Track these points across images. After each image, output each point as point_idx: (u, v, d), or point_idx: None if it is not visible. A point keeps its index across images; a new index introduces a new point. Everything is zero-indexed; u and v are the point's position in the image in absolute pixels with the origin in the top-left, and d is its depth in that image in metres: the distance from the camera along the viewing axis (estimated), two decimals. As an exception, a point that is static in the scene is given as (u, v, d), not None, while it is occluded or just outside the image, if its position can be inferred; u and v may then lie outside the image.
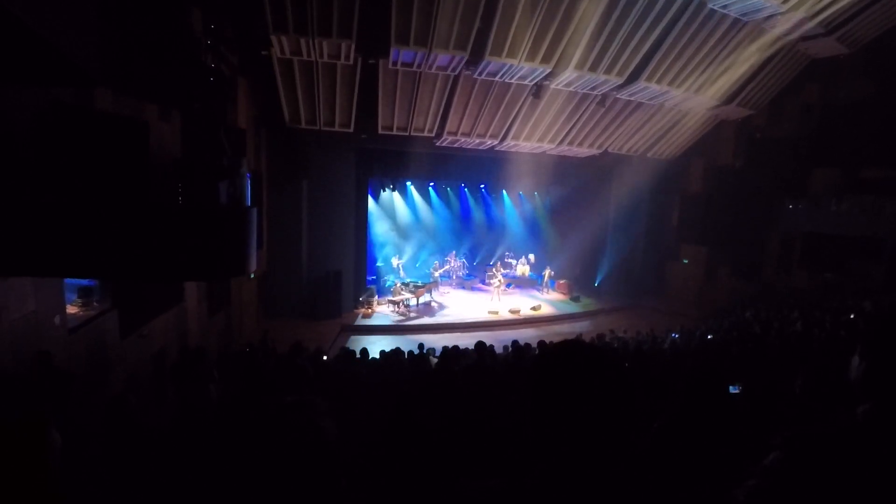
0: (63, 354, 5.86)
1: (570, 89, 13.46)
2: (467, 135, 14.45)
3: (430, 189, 20.31)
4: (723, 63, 13.64)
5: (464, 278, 19.79)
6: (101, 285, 7.08)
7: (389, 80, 12.37)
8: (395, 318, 15.21)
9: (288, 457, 1.05)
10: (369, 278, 17.50)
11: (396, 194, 19.37)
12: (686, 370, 2.56)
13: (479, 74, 12.31)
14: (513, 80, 12.73)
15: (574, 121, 14.92)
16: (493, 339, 11.87)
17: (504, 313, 16.03)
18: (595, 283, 19.60)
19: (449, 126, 14.00)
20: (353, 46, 10.90)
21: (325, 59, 11.41)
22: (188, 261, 5.06)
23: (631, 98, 14.47)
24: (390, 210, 19.67)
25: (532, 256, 20.07)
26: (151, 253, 4.87)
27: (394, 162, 15.64)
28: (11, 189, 4.71)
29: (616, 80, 13.09)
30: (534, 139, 15.10)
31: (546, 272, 18.97)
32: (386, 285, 17.65)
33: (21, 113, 5.03)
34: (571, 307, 17.49)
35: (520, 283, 19.53)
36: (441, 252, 20.17)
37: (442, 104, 13.25)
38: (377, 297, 16.32)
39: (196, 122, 8.37)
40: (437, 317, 15.65)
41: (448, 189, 20.76)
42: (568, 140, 15.65)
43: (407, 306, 15.76)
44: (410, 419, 3.70)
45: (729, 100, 15.39)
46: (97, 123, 6.23)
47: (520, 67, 11.95)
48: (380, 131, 13.62)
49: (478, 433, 3.47)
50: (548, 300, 17.95)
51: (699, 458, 1.90)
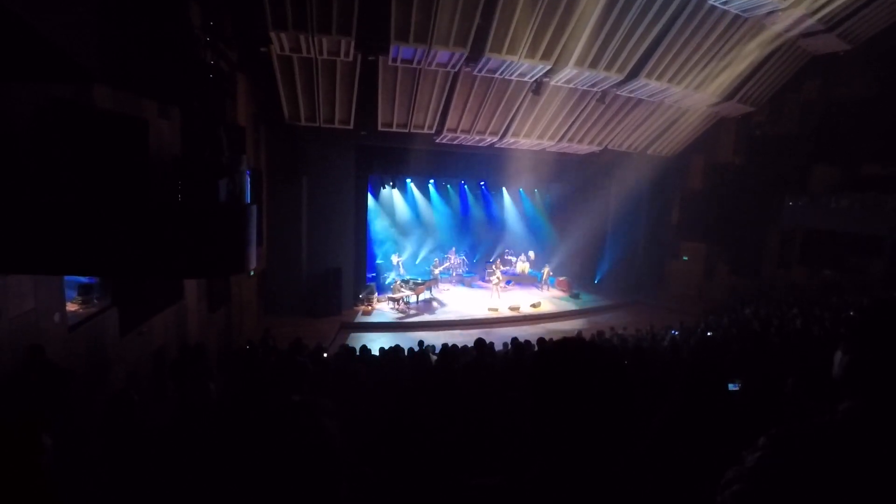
0: (63, 352, 5.87)
1: (570, 86, 13.44)
2: (467, 132, 14.43)
3: (430, 186, 20.27)
4: (723, 60, 13.62)
5: (464, 275, 19.81)
6: (101, 283, 7.08)
7: (389, 76, 12.34)
8: (394, 316, 15.22)
9: (290, 456, 1.05)
10: (369, 275, 17.48)
11: (396, 191, 19.33)
12: (686, 368, 2.56)
13: (479, 71, 12.29)
14: (513, 77, 12.70)
15: (574, 118, 14.90)
16: (492, 336, 11.89)
17: (504, 310, 16.03)
18: (595, 280, 19.63)
19: (449, 123, 13.98)
20: (353, 43, 10.88)
21: (325, 56, 11.39)
22: (188, 258, 5.05)
23: (631, 95, 14.45)
24: (390, 207, 19.64)
25: (532, 254, 20.06)
26: (151, 250, 4.86)
27: (394, 159, 15.59)
28: (10, 186, 4.71)
29: (616, 76, 13.07)
30: (534, 136, 15.08)
31: (545, 270, 18.98)
32: (386, 282, 17.66)
33: (21, 110, 5.02)
34: (571, 304, 17.49)
35: (520, 280, 19.53)
36: (441, 249, 20.18)
37: (442, 101, 13.23)
38: (377, 295, 16.33)
39: (195, 120, 8.34)
40: (436, 314, 15.66)
41: (448, 186, 20.71)
42: (568, 137, 15.63)
43: (407, 303, 15.76)
44: (410, 417, 3.70)
45: (729, 97, 15.37)
46: (96, 121, 6.22)
47: (520, 64, 11.93)
48: (379, 128, 13.60)
49: (477, 431, 3.48)
50: (548, 297, 17.96)
51: (699, 455, 1.90)
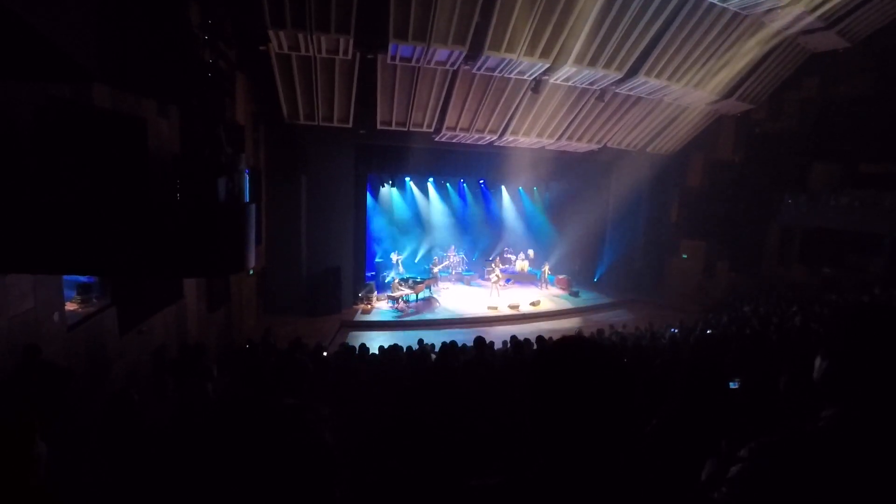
0: (62, 351, 5.87)
1: (569, 84, 13.43)
2: (466, 130, 14.42)
3: (430, 184, 20.26)
4: (722, 57, 13.60)
5: (463, 274, 19.80)
6: (100, 282, 7.08)
7: (388, 74, 12.32)
8: (394, 314, 15.23)
9: (282, 459, 1.05)
10: (368, 274, 17.47)
11: (395, 190, 19.33)
12: (685, 365, 2.57)
13: (478, 69, 12.27)
14: (511, 75, 12.68)
15: (573, 116, 14.89)
16: (492, 334, 11.91)
17: (503, 309, 16.02)
18: (594, 278, 19.64)
19: (448, 121, 13.96)
20: (352, 41, 10.86)
21: (324, 55, 11.37)
22: (187, 257, 5.06)
23: (630, 93, 14.43)
24: (389, 206, 19.63)
25: (531, 252, 20.04)
26: (150, 249, 4.86)
27: (393, 157, 15.58)
28: (10, 186, 4.70)
29: (615, 74, 13.06)
30: (533, 134, 15.06)
31: (544, 268, 18.97)
32: (385, 281, 17.63)
33: (20, 110, 5.01)
34: (571, 302, 17.49)
35: (519, 278, 19.51)
36: (440, 247, 20.17)
37: (441, 99, 13.21)
38: (376, 293, 16.32)
39: (194, 119, 8.34)
40: (436, 312, 15.66)
41: (447, 184, 20.69)
42: (567, 135, 15.62)
43: (406, 302, 15.76)
44: (410, 415, 3.70)
45: (728, 94, 15.35)
46: (96, 120, 6.21)
47: (519, 62, 11.91)
48: (378, 126, 13.59)
49: (477, 430, 3.48)
50: (547, 295, 17.96)
51: (699, 453, 1.91)
